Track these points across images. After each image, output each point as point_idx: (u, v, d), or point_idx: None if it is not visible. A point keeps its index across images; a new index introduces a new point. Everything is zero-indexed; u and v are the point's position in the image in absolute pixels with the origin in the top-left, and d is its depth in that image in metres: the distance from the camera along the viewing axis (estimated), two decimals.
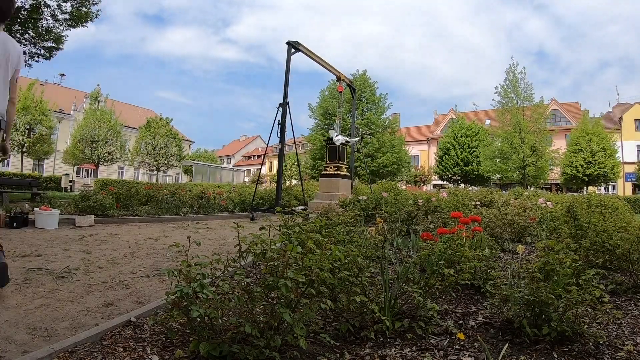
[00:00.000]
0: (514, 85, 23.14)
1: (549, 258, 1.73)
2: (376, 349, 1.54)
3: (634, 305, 2.16)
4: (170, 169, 31.46)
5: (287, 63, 7.91)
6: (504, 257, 3.30)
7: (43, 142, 23.94)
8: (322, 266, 1.42)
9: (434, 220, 4.44)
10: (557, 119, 35.26)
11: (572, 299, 1.55)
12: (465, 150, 29.68)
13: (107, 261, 3.11)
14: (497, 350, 1.53)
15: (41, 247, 3.60)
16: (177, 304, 1.34)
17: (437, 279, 1.83)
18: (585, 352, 1.52)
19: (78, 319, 1.86)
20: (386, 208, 5.22)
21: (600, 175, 24.36)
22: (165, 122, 30.65)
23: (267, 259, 1.46)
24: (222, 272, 1.57)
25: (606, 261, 2.61)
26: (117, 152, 27.24)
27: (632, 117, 33.35)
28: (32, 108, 22.94)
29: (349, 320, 1.69)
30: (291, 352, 1.41)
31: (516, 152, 22.62)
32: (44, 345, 1.53)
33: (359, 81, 25.26)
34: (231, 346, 1.32)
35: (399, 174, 28.16)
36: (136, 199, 7.03)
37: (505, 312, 1.81)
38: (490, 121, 33.37)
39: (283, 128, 7.74)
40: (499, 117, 24.17)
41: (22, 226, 4.74)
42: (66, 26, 9.48)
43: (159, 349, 1.51)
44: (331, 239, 2.22)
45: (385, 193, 6.58)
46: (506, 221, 4.09)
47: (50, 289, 2.29)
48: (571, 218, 3.51)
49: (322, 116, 26.48)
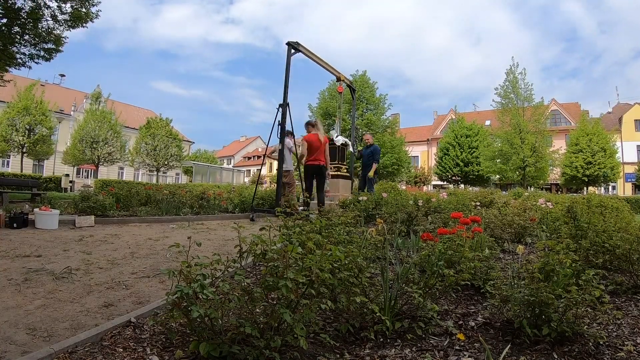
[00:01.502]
0: (514, 85, 23.16)
1: (549, 258, 1.73)
2: (376, 350, 1.54)
3: (634, 306, 2.16)
4: (170, 169, 31.47)
5: (287, 64, 7.92)
6: (504, 258, 3.30)
7: (43, 143, 23.96)
8: (322, 267, 1.42)
9: (434, 220, 4.44)
10: (557, 119, 35.29)
11: (572, 299, 1.55)
12: (465, 151, 29.69)
13: (107, 262, 3.11)
14: (497, 351, 1.53)
15: (41, 247, 3.60)
16: (177, 304, 1.34)
17: (437, 279, 1.83)
18: (585, 353, 1.52)
19: (78, 319, 1.86)
20: (386, 209, 5.22)
21: (600, 176, 24.38)
22: (165, 123, 30.66)
23: (268, 259, 1.46)
24: (222, 273, 1.57)
25: (606, 261, 2.61)
26: (117, 152, 27.26)
27: (632, 118, 33.38)
28: (32, 109, 22.95)
29: (349, 320, 1.69)
30: (291, 353, 1.41)
31: (516, 152, 22.63)
32: (44, 345, 1.53)
33: (359, 82, 25.27)
34: (231, 347, 1.32)
35: (398, 174, 28.18)
36: (136, 199, 7.02)
37: (505, 313, 1.81)
38: (491, 122, 33.39)
39: (283, 128, 7.74)
40: (499, 118, 24.18)
41: (22, 226, 4.74)
42: (66, 27, 9.49)
43: (159, 349, 1.51)
44: (331, 239, 2.22)
45: (385, 194, 6.58)
46: (506, 222, 4.08)
47: (50, 290, 2.29)
48: (571, 218, 3.51)
49: (321, 117, 26.49)
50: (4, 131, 22.20)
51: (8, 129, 22.27)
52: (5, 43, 8.87)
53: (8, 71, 10.44)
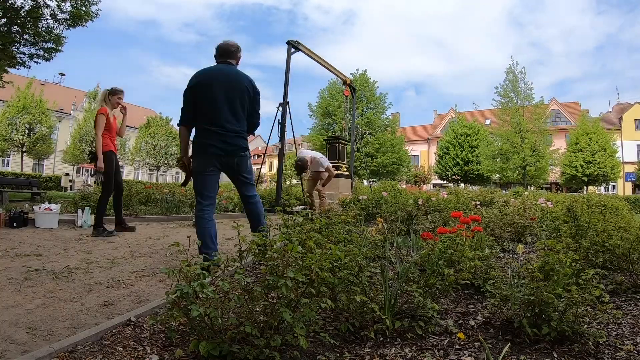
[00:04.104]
0: (514, 85, 23.17)
1: (548, 258, 1.73)
2: (376, 349, 1.54)
3: (634, 305, 2.17)
4: (170, 168, 31.48)
5: (287, 62, 7.90)
6: (504, 257, 3.30)
7: (43, 142, 23.97)
8: (322, 266, 1.42)
9: (434, 219, 4.44)
10: (557, 118, 35.29)
11: (572, 299, 1.55)
12: (465, 150, 29.68)
13: (107, 260, 3.11)
14: (497, 350, 1.53)
15: (41, 246, 3.60)
16: (177, 303, 1.34)
17: (437, 278, 1.83)
18: (585, 352, 1.52)
19: (78, 318, 1.86)
20: (386, 208, 5.22)
21: (600, 175, 24.39)
22: (165, 122, 30.66)
23: (267, 258, 1.46)
24: (222, 272, 1.57)
25: (606, 261, 2.61)
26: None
27: (632, 117, 33.38)
28: (31, 108, 22.95)
29: (349, 319, 1.69)
30: (291, 352, 1.41)
31: (516, 151, 22.64)
32: (43, 344, 1.53)
33: (359, 81, 25.26)
34: (231, 346, 1.32)
35: (398, 173, 28.19)
36: (136, 198, 7.02)
37: (505, 312, 1.81)
38: (491, 121, 33.38)
39: (283, 127, 7.74)
40: (499, 117, 24.19)
41: (22, 226, 4.74)
42: (66, 25, 9.48)
43: (158, 348, 1.51)
44: (331, 238, 2.22)
45: (385, 192, 6.58)
46: (506, 221, 4.09)
47: (50, 289, 2.29)
48: (571, 218, 3.51)
49: (321, 116, 26.47)
50: (4, 130, 22.20)
51: (8, 128, 22.27)
52: (5, 43, 8.86)
53: (8, 72, 10.44)
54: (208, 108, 2.78)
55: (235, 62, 2.98)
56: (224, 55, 2.94)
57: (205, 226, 2.74)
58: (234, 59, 2.97)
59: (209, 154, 2.79)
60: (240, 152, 2.90)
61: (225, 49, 2.95)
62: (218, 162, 2.82)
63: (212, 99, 2.76)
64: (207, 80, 2.80)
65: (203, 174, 2.83)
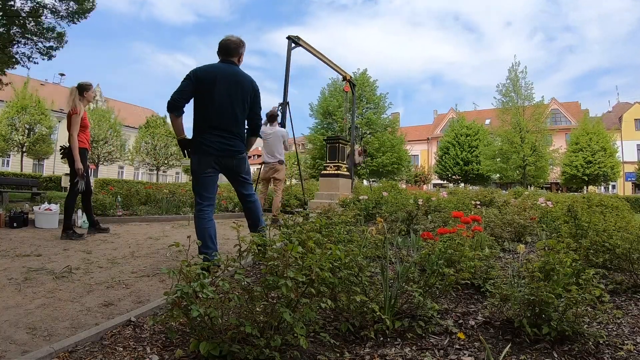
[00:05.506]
0: (515, 84, 23.16)
1: (549, 257, 1.73)
2: (376, 349, 1.54)
3: (634, 305, 2.16)
4: (170, 168, 31.47)
5: (287, 59, 7.83)
6: (504, 257, 3.30)
7: (43, 142, 23.96)
8: (322, 266, 1.42)
9: (434, 219, 4.44)
10: (557, 118, 35.29)
11: (572, 299, 1.55)
12: (466, 150, 29.68)
13: (107, 261, 3.11)
14: (497, 350, 1.53)
15: (41, 246, 3.60)
16: (177, 303, 1.34)
17: (437, 278, 1.83)
18: (585, 352, 1.52)
19: (78, 318, 1.86)
20: (386, 207, 5.23)
21: (600, 175, 24.39)
22: (164, 121, 30.65)
23: (267, 258, 1.46)
24: (222, 272, 1.57)
25: (606, 261, 2.61)
26: (117, 151, 27.26)
27: (632, 117, 33.37)
28: (31, 108, 22.94)
29: (349, 319, 1.69)
30: (291, 352, 1.40)
31: (516, 151, 22.65)
32: (44, 345, 1.53)
33: (359, 80, 25.25)
34: (231, 346, 1.32)
35: (399, 173, 28.17)
36: (136, 198, 7.03)
37: (505, 312, 1.81)
38: (491, 121, 33.38)
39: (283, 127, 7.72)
40: (500, 117, 24.20)
41: (22, 226, 4.74)
42: (67, 21, 9.50)
43: (159, 348, 1.51)
44: (331, 238, 2.22)
45: (385, 192, 6.58)
46: (506, 221, 4.09)
47: (50, 289, 2.29)
48: (571, 217, 3.51)
49: (322, 115, 26.46)
50: (4, 130, 22.19)
51: (7, 128, 22.26)
52: (5, 42, 8.87)
53: (5, 74, 10.45)
54: (208, 109, 2.75)
55: (236, 59, 2.92)
56: (224, 53, 2.88)
57: (204, 226, 2.73)
58: (234, 56, 2.90)
59: (207, 154, 2.77)
60: (239, 154, 2.89)
61: (225, 47, 2.87)
62: (217, 163, 2.82)
63: (213, 100, 2.74)
64: (209, 80, 2.75)
65: (202, 175, 2.81)
